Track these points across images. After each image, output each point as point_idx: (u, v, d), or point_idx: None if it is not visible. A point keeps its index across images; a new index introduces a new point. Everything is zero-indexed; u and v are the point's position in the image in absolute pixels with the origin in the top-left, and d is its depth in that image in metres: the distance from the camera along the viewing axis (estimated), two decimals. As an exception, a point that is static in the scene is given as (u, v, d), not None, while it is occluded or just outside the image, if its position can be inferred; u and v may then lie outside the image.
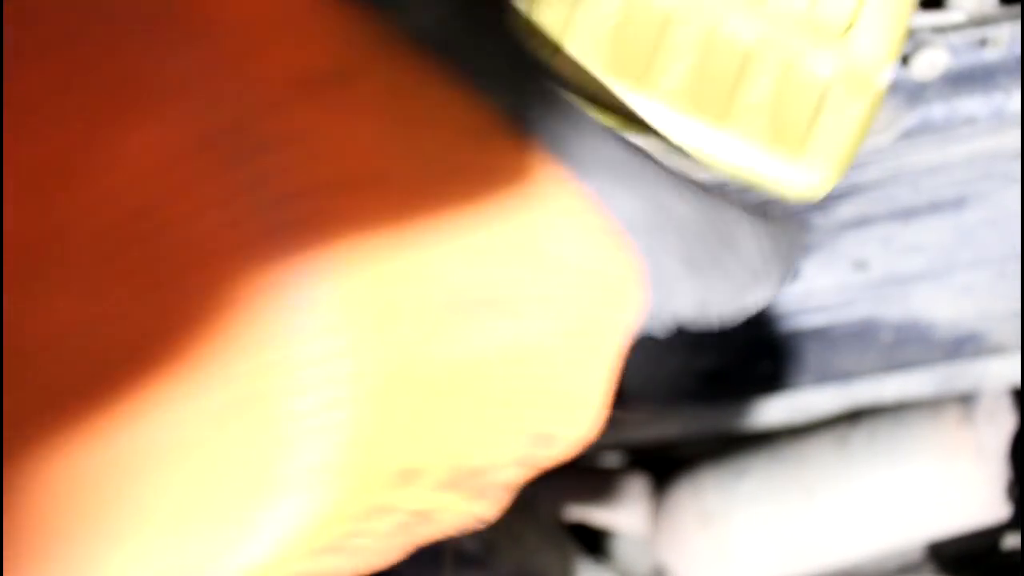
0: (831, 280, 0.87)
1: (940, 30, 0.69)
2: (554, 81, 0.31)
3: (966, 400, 1.20)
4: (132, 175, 0.22)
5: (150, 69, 0.23)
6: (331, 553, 0.27)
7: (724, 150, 0.46)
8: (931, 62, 0.69)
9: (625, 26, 0.39)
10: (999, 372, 1.02)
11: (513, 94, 0.29)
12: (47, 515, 0.22)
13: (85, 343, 0.22)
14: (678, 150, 0.45)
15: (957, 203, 0.78)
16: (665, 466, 1.43)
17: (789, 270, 0.37)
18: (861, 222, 0.80)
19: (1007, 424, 1.17)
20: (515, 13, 0.35)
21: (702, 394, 1.10)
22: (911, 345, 0.99)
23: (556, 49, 0.38)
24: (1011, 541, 1.45)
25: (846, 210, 0.78)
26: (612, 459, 1.66)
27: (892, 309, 0.92)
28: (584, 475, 1.52)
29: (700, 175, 0.38)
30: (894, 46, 0.46)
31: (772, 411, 1.14)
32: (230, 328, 0.22)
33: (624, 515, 1.45)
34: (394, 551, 0.33)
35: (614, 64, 0.40)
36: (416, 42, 0.27)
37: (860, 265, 0.86)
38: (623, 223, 0.30)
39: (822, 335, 0.97)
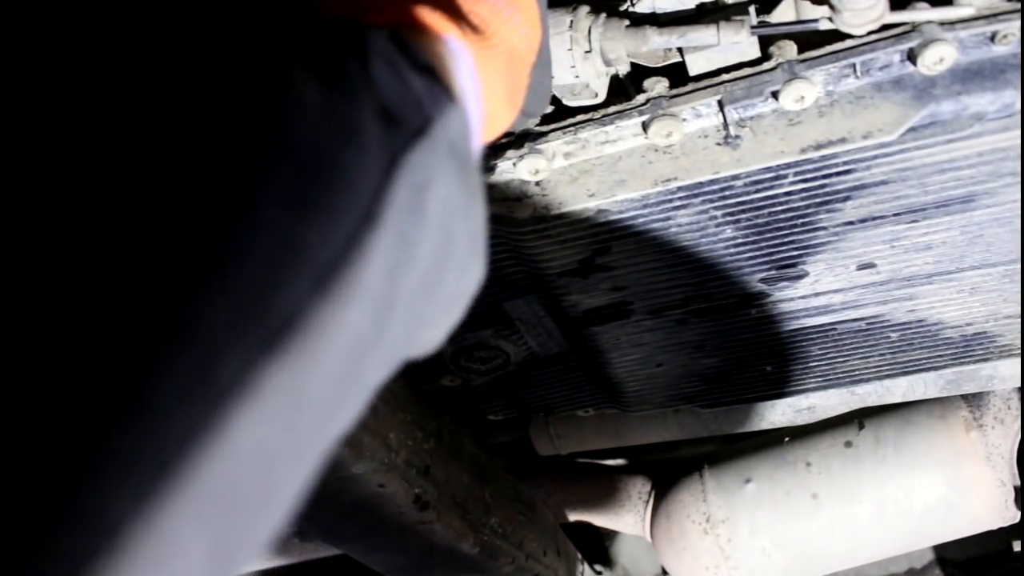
0: (837, 280, 0.86)
1: (948, 25, 0.67)
2: None
3: (974, 403, 1.19)
4: None
5: None
6: None
7: None
8: (939, 57, 0.67)
9: None
10: (1008, 374, 1.00)
11: None
12: None
13: None
14: None
15: (966, 201, 0.76)
16: (668, 469, 1.43)
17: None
18: (867, 221, 0.78)
19: (1016, 427, 1.15)
20: None
21: (705, 396, 1.08)
22: (918, 347, 0.97)
23: None
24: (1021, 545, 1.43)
25: (852, 209, 0.77)
26: (615, 461, 1.66)
27: (899, 310, 0.91)
28: (586, 477, 1.52)
29: None
30: None
31: (776, 413, 1.12)
32: None
33: (626, 517, 1.45)
34: None
35: None
36: None
37: (866, 265, 0.84)
38: None
39: (828, 336, 0.95)
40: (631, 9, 0.74)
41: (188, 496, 0.25)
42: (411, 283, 0.35)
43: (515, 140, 0.76)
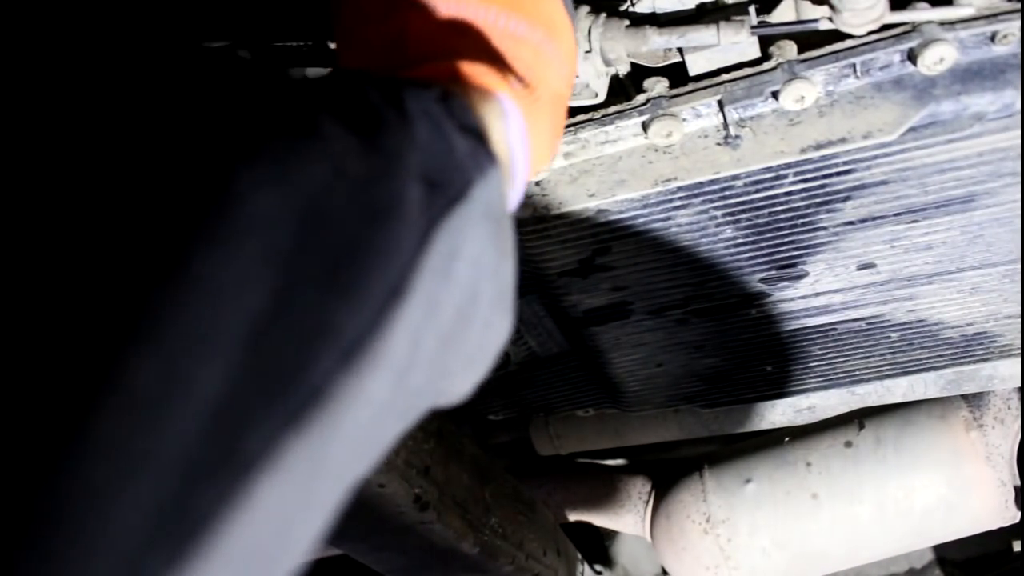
0: (837, 280, 0.86)
1: (948, 25, 0.67)
2: None
3: (974, 403, 1.19)
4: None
5: None
6: None
7: None
8: (939, 57, 0.67)
9: None
10: (1008, 374, 1.00)
11: None
12: None
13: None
14: None
15: (966, 201, 0.76)
16: (668, 469, 1.43)
17: None
18: (867, 221, 0.78)
19: (1016, 427, 1.15)
20: None
21: (705, 396, 1.08)
22: (918, 347, 0.97)
23: None
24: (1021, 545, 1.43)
25: (852, 209, 0.77)
26: (615, 461, 1.66)
27: (899, 310, 0.91)
28: (586, 477, 1.52)
29: None
30: None
31: (776, 413, 1.12)
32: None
33: (626, 518, 1.44)
34: None
35: None
36: None
37: (867, 265, 0.84)
38: None
39: (828, 336, 0.95)
40: (631, 9, 0.74)
41: (212, 561, 0.26)
42: (433, 340, 0.35)
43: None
